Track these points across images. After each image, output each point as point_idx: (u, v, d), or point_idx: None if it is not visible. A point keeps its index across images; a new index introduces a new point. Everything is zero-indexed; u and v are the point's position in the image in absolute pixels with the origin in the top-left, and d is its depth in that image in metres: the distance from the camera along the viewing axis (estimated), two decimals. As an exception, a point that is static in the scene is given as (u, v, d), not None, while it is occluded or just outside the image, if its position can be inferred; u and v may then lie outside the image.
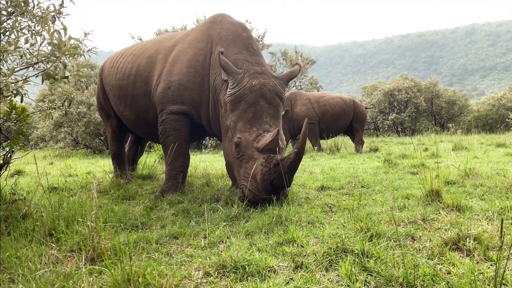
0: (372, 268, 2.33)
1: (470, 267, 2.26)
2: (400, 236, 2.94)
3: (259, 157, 4.04)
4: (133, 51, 5.82)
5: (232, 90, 4.34)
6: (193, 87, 4.83)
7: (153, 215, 3.92)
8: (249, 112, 4.25)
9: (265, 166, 3.96)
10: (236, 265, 2.44)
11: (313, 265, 2.45)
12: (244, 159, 4.15)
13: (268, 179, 3.92)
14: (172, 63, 5.01)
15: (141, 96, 5.38)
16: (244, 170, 4.13)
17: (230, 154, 4.36)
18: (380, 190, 4.86)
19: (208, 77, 4.85)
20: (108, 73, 6.09)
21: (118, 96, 5.79)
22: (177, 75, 4.88)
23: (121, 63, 5.82)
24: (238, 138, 4.19)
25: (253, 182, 4.03)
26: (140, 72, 5.38)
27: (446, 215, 3.45)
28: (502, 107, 25.74)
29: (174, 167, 4.96)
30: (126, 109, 5.72)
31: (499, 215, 3.29)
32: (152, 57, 5.35)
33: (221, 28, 5.05)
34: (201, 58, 4.91)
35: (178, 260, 2.64)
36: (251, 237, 3.08)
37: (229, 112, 4.35)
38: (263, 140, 4.07)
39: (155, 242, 3.02)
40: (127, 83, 5.54)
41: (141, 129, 5.89)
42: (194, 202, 4.46)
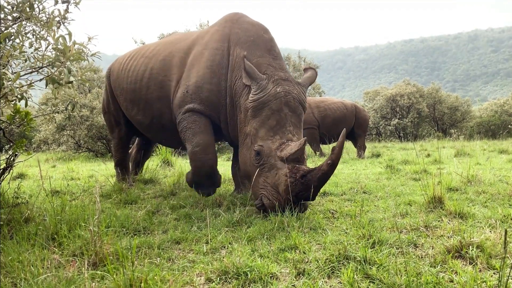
0: (375, 276, 2.33)
1: (472, 275, 2.25)
2: (402, 243, 2.93)
3: (283, 166, 3.84)
4: (144, 53, 5.60)
5: (255, 96, 4.17)
6: (210, 88, 4.63)
7: (155, 220, 3.92)
8: (272, 119, 4.08)
9: (290, 177, 3.75)
10: (238, 271, 2.44)
11: (315, 272, 2.44)
12: (266, 168, 3.96)
13: (294, 190, 3.72)
14: (189, 68, 4.85)
15: (155, 100, 5.19)
16: (265, 180, 3.95)
17: (248, 161, 4.17)
18: (382, 196, 4.86)
19: (225, 78, 4.66)
20: (118, 76, 5.85)
21: (130, 100, 5.57)
22: (194, 78, 4.71)
23: (132, 65, 5.61)
24: (260, 145, 4.01)
25: (274, 192, 3.84)
26: (154, 76, 5.19)
27: (448, 222, 3.44)
28: (505, 113, 25.67)
29: (196, 162, 4.68)
30: (139, 113, 5.50)
31: (502, 222, 3.28)
32: (166, 60, 5.15)
33: (239, 28, 4.84)
34: (218, 58, 4.71)
35: (180, 266, 2.64)
36: (253, 243, 3.07)
37: (250, 118, 4.19)
38: (288, 150, 3.88)
39: (157, 247, 3.02)
40: (140, 86, 5.34)
41: (155, 134, 5.70)
42: (196, 207, 4.46)
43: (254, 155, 4.03)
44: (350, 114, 12.19)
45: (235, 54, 4.63)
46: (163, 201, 4.85)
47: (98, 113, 15.95)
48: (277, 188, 3.82)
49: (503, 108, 26.32)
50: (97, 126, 15.74)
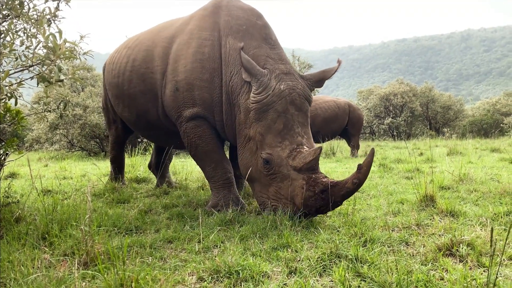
0: (366, 274, 2.33)
1: (463, 273, 2.27)
2: (394, 242, 2.95)
3: (298, 177, 3.51)
4: (127, 43, 5.18)
5: (258, 96, 3.77)
6: (202, 85, 4.14)
7: (147, 219, 3.90)
8: (279, 123, 3.70)
9: (309, 190, 3.45)
10: (230, 270, 2.44)
11: (307, 270, 2.45)
12: (277, 178, 3.63)
13: (314, 205, 3.45)
14: (175, 60, 4.34)
15: (139, 95, 4.73)
16: (277, 190, 3.64)
17: (254, 168, 3.80)
18: (375, 195, 4.88)
19: (219, 73, 4.16)
20: (107, 70, 5.45)
21: (116, 96, 5.16)
22: (183, 73, 4.21)
23: (116, 57, 5.17)
24: (268, 154, 3.66)
25: (290, 205, 3.56)
26: (136, 68, 4.71)
27: (440, 221, 3.46)
28: (497, 112, 25.89)
29: (217, 178, 4.26)
30: (124, 109, 5.11)
31: (492, 220, 3.31)
32: (148, 51, 4.66)
33: (228, 15, 4.31)
34: (207, 50, 4.19)
35: (172, 265, 2.63)
36: (245, 242, 3.07)
37: (253, 121, 3.80)
38: (301, 159, 3.54)
39: (149, 247, 3.01)
40: (122, 80, 4.89)
41: (144, 132, 5.34)
42: (189, 206, 4.45)
43: (263, 163, 3.69)
44: (342, 113, 12.10)
45: (228, 46, 4.15)
46: (155, 200, 4.83)
47: (91, 112, 15.87)
48: (293, 200, 3.53)
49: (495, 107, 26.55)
50: (90, 125, 15.65)
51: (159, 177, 6.02)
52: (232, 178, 4.32)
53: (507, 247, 2.71)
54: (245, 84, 3.94)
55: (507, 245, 2.75)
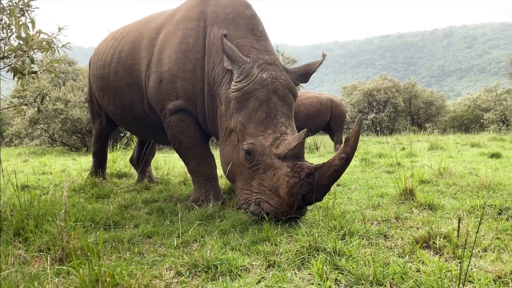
0: (344, 267, 2.34)
1: (438, 265, 2.30)
2: (372, 235, 2.97)
3: (282, 165, 3.31)
4: (114, 34, 5.04)
5: (239, 84, 3.60)
6: (185, 76, 4.01)
7: (127, 214, 3.85)
8: (261, 112, 3.52)
9: (293, 177, 3.22)
10: (208, 264, 2.42)
11: (285, 263, 2.45)
12: (260, 169, 3.42)
13: (300, 192, 3.19)
14: (160, 50, 4.23)
15: (125, 88, 4.60)
16: (260, 182, 3.42)
17: (236, 162, 3.61)
18: (356, 189, 4.91)
19: (201, 64, 4.04)
20: (92, 62, 5.30)
21: (101, 88, 5.00)
22: (167, 64, 4.09)
23: (102, 48, 5.03)
24: (250, 143, 3.46)
25: (275, 196, 3.33)
26: (122, 60, 4.58)
27: (418, 214, 3.50)
28: (477, 108, 26.34)
29: (200, 173, 4.20)
30: (110, 103, 4.94)
31: (469, 213, 3.36)
32: (135, 42, 4.54)
33: (217, 4, 4.18)
34: (192, 40, 4.07)
35: (150, 260, 2.60)
36: (225, 236, 3.06)
37: (234, 111, 3.63)
38: (285, 145, 3.35)
39: (127, 242, 2.97)
40: (108, 72, 4.74)
41: (130, 126, 5.18)
42: (169, 201, 4.41)
43: (244, 155, 3.49)
44: (325, 109, 12.11)
45: (212, 35, 4.01)
46: (136, 195, 4.77)
47: (72, 107, 15.60)
48: (277, 191, 3.30)
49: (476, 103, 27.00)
50: (72, 119, 15.39)
51: (140, 172, 5.96)
52: (215, 174, 4.29)
53: (482, 239, 2.76)
54: (226, 74, 3.80)
55: (482, 237, 2.80)
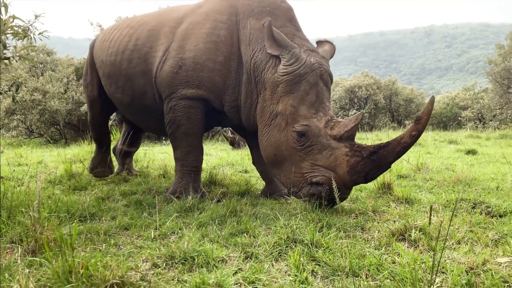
0: (321, 258, 2.36)
1: (413, 257, 2.33)
2: (350, 227, 3.00)
3: (339, 146, 3.36)
4: (130, 23, 4.92)
5: (290, 67, 3.62)
6: (214, 68, 3.99)
7: (104, 206, 3.80)
8: (311, 95, 3.57)
9: (354, 156, 3.28)
10: (185, 256, 2.40)
11: (263, 255, 2.45)
12: (314, 150, 3.43)
13: (363, 170, 3.25)
14: (183, 38, 4.16)
15: (138, 75, 4.50)
16: (312, 163, 3.43)
17: (284, 145, 3.58)
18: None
19: (235, 57, 4.04)
20: (100, 47, 5.13)
21: (109, 75, 4.87)
22: (191, 52, 4.04)
23: (115, 35, 4.90)
24: (305, 125, 3.47)
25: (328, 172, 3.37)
26: (138, 47, 4.50)
27: (395, 207, 3.55)
28: (456, 106, 26.87)
29: (187, 163, 4.18)
30: (118, 90, 4.79)
31: (444, 207, 3.42)
32: (154, 30, 4.47)
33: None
34: (224, 33, 4.06)
35: (126, 252, 2.57)
36: (204, 229, 3.04)
37: (283, 94, 3.63)
38: (341, 127, 3.42)
39: (104, 233, 2.93)
40: (120, 59, 4.64)
41: (136, 116, 5.01)
42: (148, 193, 4.37)
43: (296, 137, 3.49)
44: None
45: (249, 27, 4.03)
46: (114, 187, 4.71)
47: (51, 98, 15.26)
48: (335, 170, 3.34)
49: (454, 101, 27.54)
50: (50, 110, 15.06)
51: (120, 164, 5.88)
52: (200, 168, 4.30)
53: (456, 232, 2.81)
54: (270, 59, 3.80)
55: (456, 230, 2.85)
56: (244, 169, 6.42)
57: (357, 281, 2.10)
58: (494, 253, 2.42)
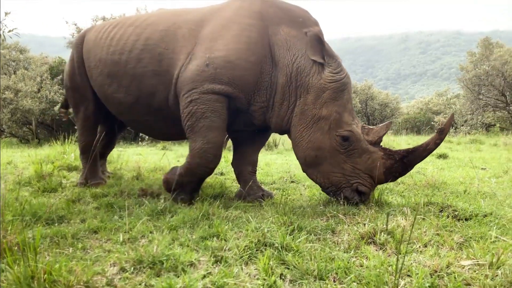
0: (290, 262, 2.37)
1: (381, 260, 2.37)
2: (320, 230, 3.02)
3: (375, 150, 3.83)
4: (133, 22, 4.77)
5: (337, 75, 3.96)
6: (247, 67, 4.02)
7: (73, 209, 3.72)
8: (350, 103, 4.02)
9: (389, 159, 3.78)
10: (153, 260, 2.37)
11: (233, 259, 2.44)
12: (355, 153, 3.83)
13: (397, 171, 3.79)
14: (209, 40, 4.17)
15: (149, 75, 4.40)
16: (353, 166, 3.83)
17: (328, 147, 3.86)
18: (309, 186, 4.99)
19: (268, 58, 4.11)
20: (95, 45, 4.90)
21: (109, 74, 4.68)
22: (221, 51, 4.05)
23: (116, 34, 4.74)
24: (349, 131, 3.84)
25: (368, 177, 3.82)
26: (150, 47, 4.41)
27: (366, 210, 3.60)
28: (429, 111, 27.55)
29: (201, 160, 4.00)
30: (120, 90, 4.63)
31: (413, 210, 3.49)
32: (168, 31, 4.39)
33: (273, 6, 4.34)
34: (254, 35, 4.12)
35: (93, 256, 2.51)
36: (175, 232, 3.01)
37: (328, 100, 3.90)
38: (374, 133, 3.90)
39: (72, 237, 2.86)
40: (127, 58, 4.51)
41: (137, 117, 4.81)
42: (120, 196, 4.30)
43: (340, 141, 3.84)
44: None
45: (283, 33, 4.17)
46: (85, 190, 4.61)
47: (23, 97, 14.86)
48: (371, 172, 3.79)
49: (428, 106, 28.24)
50: (22, 110, 14.68)
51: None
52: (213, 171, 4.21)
53: (424, 235, 2.87)
54: (314, 65, 4.01)
55: (424, 233, 2.91)
56: (220, 171, 6.40)
57: (325, 284, 2.12)
58: (459, 256, 2.48)
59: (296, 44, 4.11)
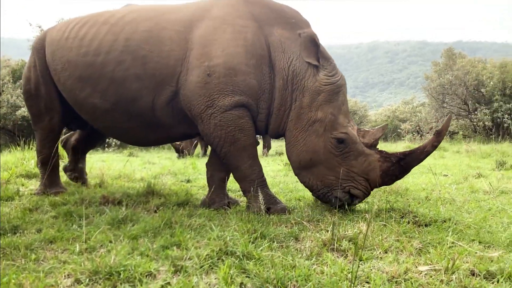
0: (251, 270, 2.34)
1: (341, 267, 2.38)
2: (284, 237, 3.02)
3: (371, 152, 3.78)
4: (106, 20, 4.40)
5: (332, 78, 3.93)
6: (248, 71, 3.88)
7: (30, 218, 3.57)
8: (345, 105, 3.96)
9: (386, 162, 3.73)
10: (110, 271, 2.29)
11: (193, 268, 2.39)
12: (351, 156, 3.79)
13: (394, 174, 3.75)
14: (204, 45, 3.96)
15: (132, 79, 4.10)
16: (348, 169, 3.78)
17: (322, 150, 3.83)
18: (276, 192, 4.99)
19: (267, 61, 4.01)
20: (60, 46, 4.50)
21: (81, 78, 4.32)
22: (219, 58, 3.86)
23: (87, 33, 4.37)
24: (344, 133, 3.80)
25: (363, 181, 3.78)
26: (131, 48, 4.10)
27: (330, 217, 3.63)
28: (396, 119, 28.26)
29: (255, 176, 3.98)
30: (94, 95, 4.30)
31: (376, 216, 3.54)
32: (152, 32, 4.11)
33: (265, 7, 4.22)
34: (250, 36, 3.98)
35: (47, 267, 2.41)
36: (135, 241, 2.93)
37: (323, 103, 3.87)
38: (370, 135, 3.84)
39: (25, 248, 2.74)
40: (103, 60, 4.18)
41: (112, 123, 4.50)
42: (80, 204, 4.16)
43: (335, 143, 3.79)
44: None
45: (277, 34, 4.07)
46: (44, 198, 4.44)
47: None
48: (368, 175, 3.76)
49: (395, 114, 28.97)
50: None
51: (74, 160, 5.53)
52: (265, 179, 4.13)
53: (385, 241, 2.91)
54: (309, 68, 3.97)
55: (385, 239, 2.95)
56: (187, 179, 6.32)
57: (285, 292, 2.11)
58: (417, 262, 2.52)
59: (291, 46, 4.04)
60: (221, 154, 4.01)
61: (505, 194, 4.93)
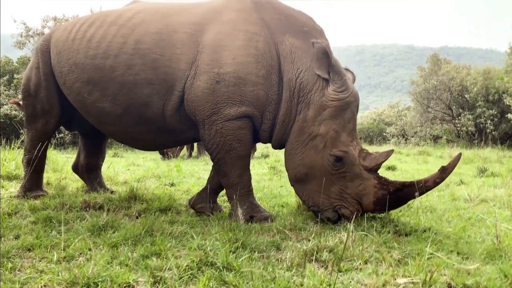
0: (231, 282, 2.34)
1: (320, 279, 2.39)
2: (266, 247, 3.01)
3: (369, 177, 3.67)
4: (114, 20, 4.27)
5: (340, 94, 3.77)
6: (257, 82, 3.82)
7: (8, 223, 3.50)
8: (351, 123, 3.81)
9: (382, 189, 3.62)
10: (88, 281, 2.27)
11: (172, 280, 2.38)
12: (347, 177, 3.68)
13: (388, 203, 3.62)
14: (214, 50, 3.88)
15: (142, 84, 4.02)
16: (343, 190, 3.69)
17: (318, 166, 3.73)
18: (260, 198, 4.99)
19: (276, 71, 3.92)
20: (67, 48, 4.37)
21: (88, 81, 4.22)
22: (230, 66, 3.79)
23: (96, 34, 4.24)
24: (344, 152, 3.67)
25: (356, 203, 3.69)
26: (141, 52, 4.00)
27: (312, 225, 3.64)
28: (382, 122, 28.56)
29: (242, 185, 3.96)
30: (104, 99, 4.20)
31: (357, 226, 3.56)
32: (162, 34, 4.01)
33: (278, 13, 4.10)
34: (261, 45, 3.89)
35: (23, 277, 2.37)
36: (115, 250, 2.90)
37: (327, 118, 3.75)
38: (372, 159, 3.69)
39: (2, 256, 2.69)
40: (113, 64, 4.08)
41: (122, 128, 4.41)
42: (61, 209, 4.09)
43: (333, 161, 3.68)
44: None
45: (288, 43, 3.97)
46: (23, 202, 4.36)
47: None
48: (361, 199, 3.67)
49: (381, 117, 29.27)
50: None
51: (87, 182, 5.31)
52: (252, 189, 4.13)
53: (365, 252, 2.93)
54: (317, 81, 3.85)
55: (365, 250, 2.98)
56: (171, 182, 6.28)
57: (264, 306, 2.11)
58: (395, 274, 2.55)
59: (301, 57, 3.94)
60: (214, 159, 4.01)
61: (484, 202, 5.01)
